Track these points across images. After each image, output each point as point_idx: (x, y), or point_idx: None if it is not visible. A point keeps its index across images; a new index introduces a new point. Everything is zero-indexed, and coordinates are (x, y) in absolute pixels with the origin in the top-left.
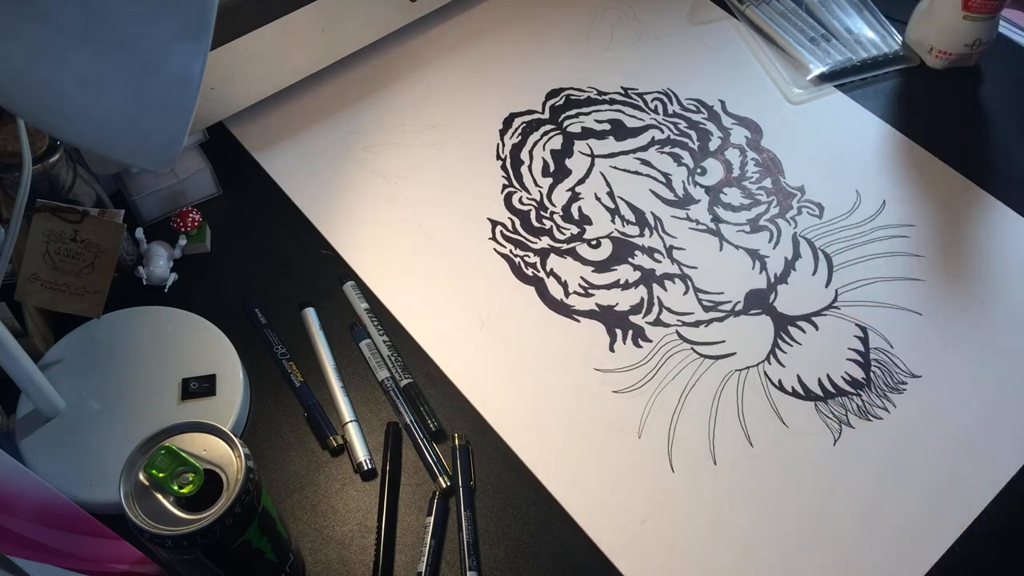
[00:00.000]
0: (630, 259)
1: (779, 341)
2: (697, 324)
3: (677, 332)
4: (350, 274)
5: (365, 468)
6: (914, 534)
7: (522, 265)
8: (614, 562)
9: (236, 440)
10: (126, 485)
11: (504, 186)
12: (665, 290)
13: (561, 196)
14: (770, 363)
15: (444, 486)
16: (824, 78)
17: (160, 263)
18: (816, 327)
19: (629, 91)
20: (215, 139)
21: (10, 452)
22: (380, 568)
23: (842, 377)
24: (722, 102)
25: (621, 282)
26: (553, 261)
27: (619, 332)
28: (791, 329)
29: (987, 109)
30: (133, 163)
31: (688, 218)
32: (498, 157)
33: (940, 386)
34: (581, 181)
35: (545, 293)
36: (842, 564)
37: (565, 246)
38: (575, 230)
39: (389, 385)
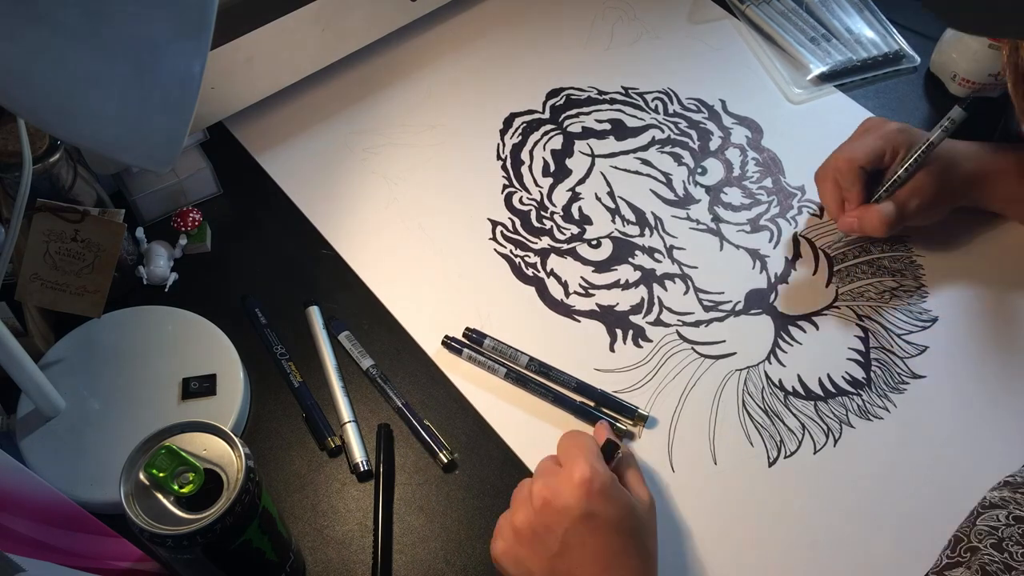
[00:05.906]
0: (630, 259)
1: (779, 341)
2: (697, 324)
3: (677, 332)
4: (350, 274)
5: (362, 469)
6: (914, 534)
7: (522, 265)
8: None
9: (236, 440)
10: (126, 485)
11: (504, 186)
12: (665, 290)
13: (561, 196)
14: (770, 363)
15: (445, 461)
16: (824, 78)
17: (160, 263)
18: (816, 327)
19: (629, 91)
20: (215, 139)
21: (10, 452)
22: (379, 568)
23: (842, 377)
24: (722, 102)
25: (621, 282)
26: (553, 261)
27: (619, 332)
28: (791, 329)
29: (987, 109)
30: (133, 163)
31: (688, 218)
32: (498, 157)
33: (940, 386)
34: (581, 181)
35: (545, 293)
36: (842, 563)
37: (565, 246)
38: (575, 230)
39: (375, 373)
